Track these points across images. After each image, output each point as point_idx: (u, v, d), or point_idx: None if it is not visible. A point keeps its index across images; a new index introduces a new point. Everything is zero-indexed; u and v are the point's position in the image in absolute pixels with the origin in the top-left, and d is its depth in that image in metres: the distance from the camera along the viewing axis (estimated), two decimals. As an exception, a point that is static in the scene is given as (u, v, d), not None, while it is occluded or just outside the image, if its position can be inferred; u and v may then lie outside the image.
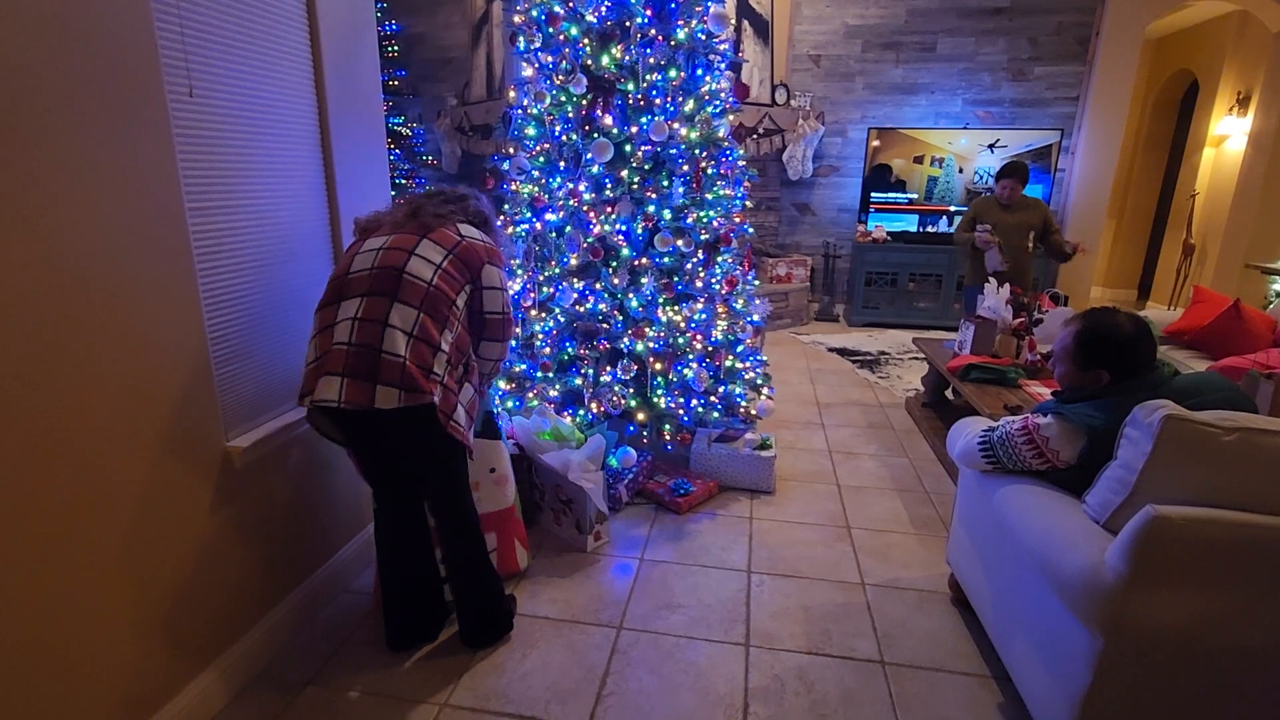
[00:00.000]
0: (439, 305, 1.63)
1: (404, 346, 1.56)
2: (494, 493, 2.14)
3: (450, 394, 1.65)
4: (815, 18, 6.17)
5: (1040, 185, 5.82)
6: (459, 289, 1.69)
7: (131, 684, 1.47)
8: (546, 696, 1.75)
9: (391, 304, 1.58)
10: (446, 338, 1.65)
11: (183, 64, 1.53)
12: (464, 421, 1.70)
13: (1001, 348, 3.24)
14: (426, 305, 1.61)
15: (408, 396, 1.54)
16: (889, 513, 2.73)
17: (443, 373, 1.63)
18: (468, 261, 1.72)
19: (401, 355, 1.55)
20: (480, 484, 2.09)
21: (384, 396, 1.53)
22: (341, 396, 1.53)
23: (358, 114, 2.15)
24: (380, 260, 1.65)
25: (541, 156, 2.75)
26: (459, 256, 1.70)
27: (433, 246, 1.68)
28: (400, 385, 1.53)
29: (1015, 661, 1.68)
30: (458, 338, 1.70)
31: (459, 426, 1.67)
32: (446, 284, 1.66)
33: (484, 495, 2.10)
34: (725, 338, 2.85)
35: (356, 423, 1.64)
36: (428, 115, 6.94)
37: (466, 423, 1.72)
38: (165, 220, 1.48)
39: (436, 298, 1.63)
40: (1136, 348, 1.64)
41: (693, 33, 2.62)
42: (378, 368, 1.53)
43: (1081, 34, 5.91)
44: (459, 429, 1.66)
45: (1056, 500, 1.61)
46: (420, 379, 1.56)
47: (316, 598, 2.05)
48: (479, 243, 1.77)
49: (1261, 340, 3.55)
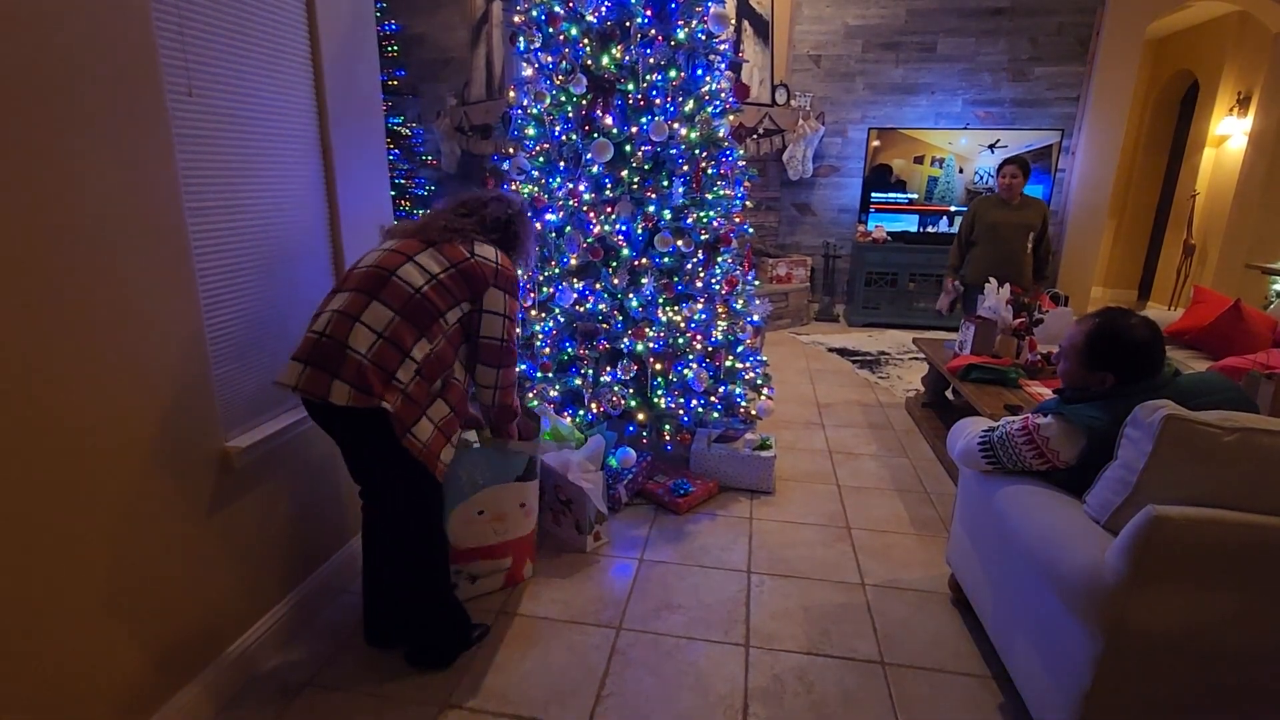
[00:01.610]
0: (422, 313, 1.61)
1: (368, 346, 1.55)
2: (521, 523, 2.13)
3: (413, 405, 1.60)
4: (815, 18, 6.17)
5: (1041, 185, 5.82)
6: (452, 303, 1.66)
7: (128, 685, 1.46)
8: (546, 697, 1.75)
9: (370, 302, 1.58)
10: (422, 347, 1.61)
11: (182, 63, 1.52)
12: (426, 438, 1.63)
13: (1002, 348, 3.23)
14: (407, 310, 1.59)
15: (357, 395, 1.52)
16: (889, 513, 2.72)
17: (407, 381, 1.58)
18: (470, 279, 1.69)
19: (362, 353, 1.54)
20: (507, 516, 2.08)
21: (337, 391, 1.52)
22: (300, 382, 1.54)
23: (357, 114, 2.14)
24: (377, 260, 1.65)
25: (541, 156, 2.75)
26: (462, 272, 1.68)
27: (435, 257, 1.67)
28: (353, 383, 1.52)
29: (1015, 662, 1.68)
30: (439, 351, 1.65)
31: (417, 441, 1.60)
32: (437, 295, 1.63)
33: (510, 525, 2.10)
34: (725, 338, 2.85)
35: (319, 412, 1.65)
36: (427, 115, 6.93)
37: (432, 439, 1.64)
38: (164, 220, 1.48)
39: (421, 306, 1.61)
40: (1146, 353, 1.61)
41: (693, 33, 2.62)
42: (339, 362, 1.54)
43: (1082, 34, 5.91)
44: (417, 443, 1.60)
45: (1057, 500, 1.60)
46: (375, 381, 1.53)
47: (316, 598, 2.05)
48: (489, 264, 1.72)
49: (1262, 340, 3.55)
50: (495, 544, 2.09)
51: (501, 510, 2.06)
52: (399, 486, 1.70)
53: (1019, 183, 3.79)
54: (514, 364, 1.81)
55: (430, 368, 1.63)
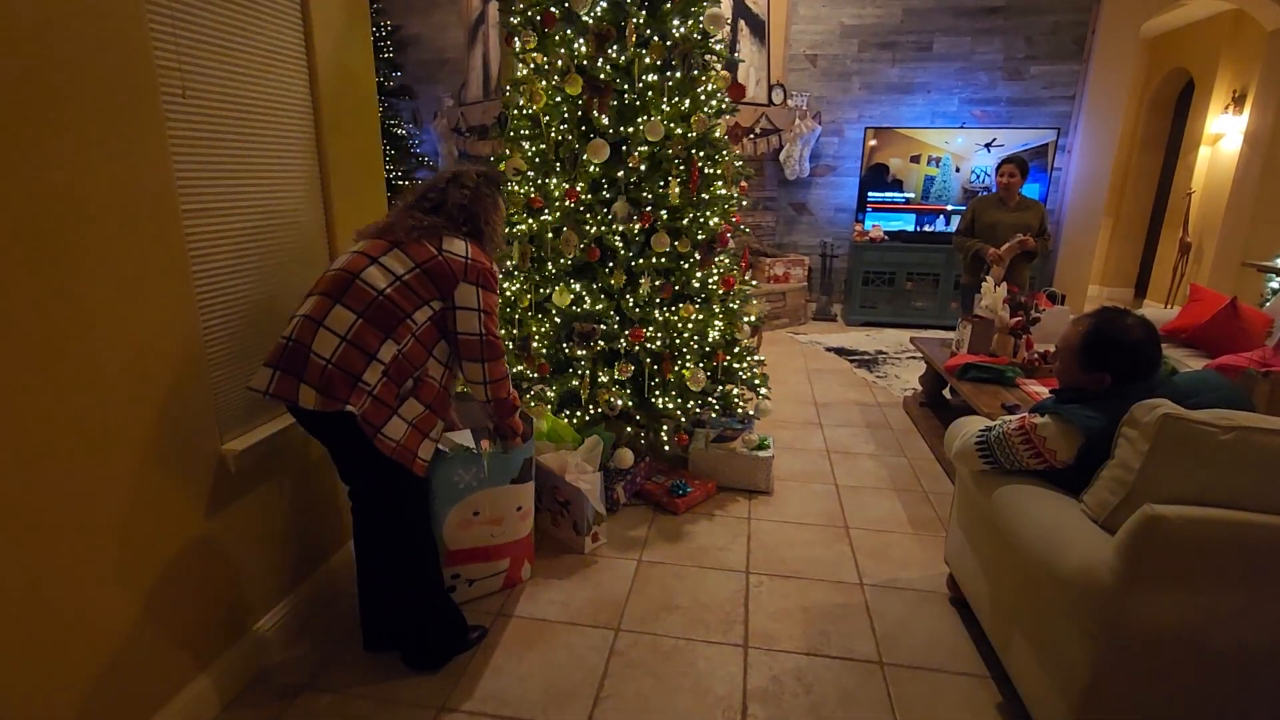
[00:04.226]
0: (387, 315, 1.60)
1: (331, 349, 1.56)
2: (517, 527, 2.13)
3: (382, 407, 1.59)
4: (811, 17, 6.17)
5: (1037, 184, 5.83)
6: (418, 304, 1.65)
7: (125, 688, 1.46)
8: (544, 699, 1.74)
9: (334, 305, 1.59)
10: (389, 348, 1.60)
11: (176, 65, 1.52)
12: (400, 436, 1.62)
13: (999, 347, 3.24)
14: (370, 313, 1.59)
15: (323, 400, 1.53)
16: (887, 513, 2.72)
17: (374, 383, 1.58)
18: (437, 278, 1.66)
19: (326, 358, 1.55)
20: (504, 520, 2.08)
21: (304, 395, 1.54)
22: (270, 387, 1.56)
23: (353, 115, 2.14)
24: (344, 264, 1.66)
25: (538, 157, 2.75)
26: (427, 272, 1.65)
27: (400, 258, 1.65)
28: (318, 387, 1.54)
29: (1014, 661, 1.68)
30: (407, 352, 1.64)
31: (389, 440, 1.60)
32: (402, 296, 1.62)
33: (507, 529, 2.10)
34: (722, 338, 2.85)
35: (295, 415, 1.67)
36: (424, 116, 6.93)
37: (408, 439, 1.64)
38: (160, 221, 1.48)
39: (384, 308, 1.60)
40: (1143, 354, 1.61)
41: (689, 33, 2.62)
42: (303, 366, 1.55)
43: (1077, 33, 5.92)
44: (389, 443, 1.60)
45: (1054, 500, 1.60)
46: (339, 385, 1.54)
47: (313, 601, 2.04)
48: (457, 259, 1.69)
49: (1258, 338, 3.56)
50: (491, 546, 2.08)
51: (498, 513, 2.06)
52: (380, 487, 1.71)
53: (1017, 181, 3.80)
54: (499, 356, 1.77)
55: (398, 368, 1.63)
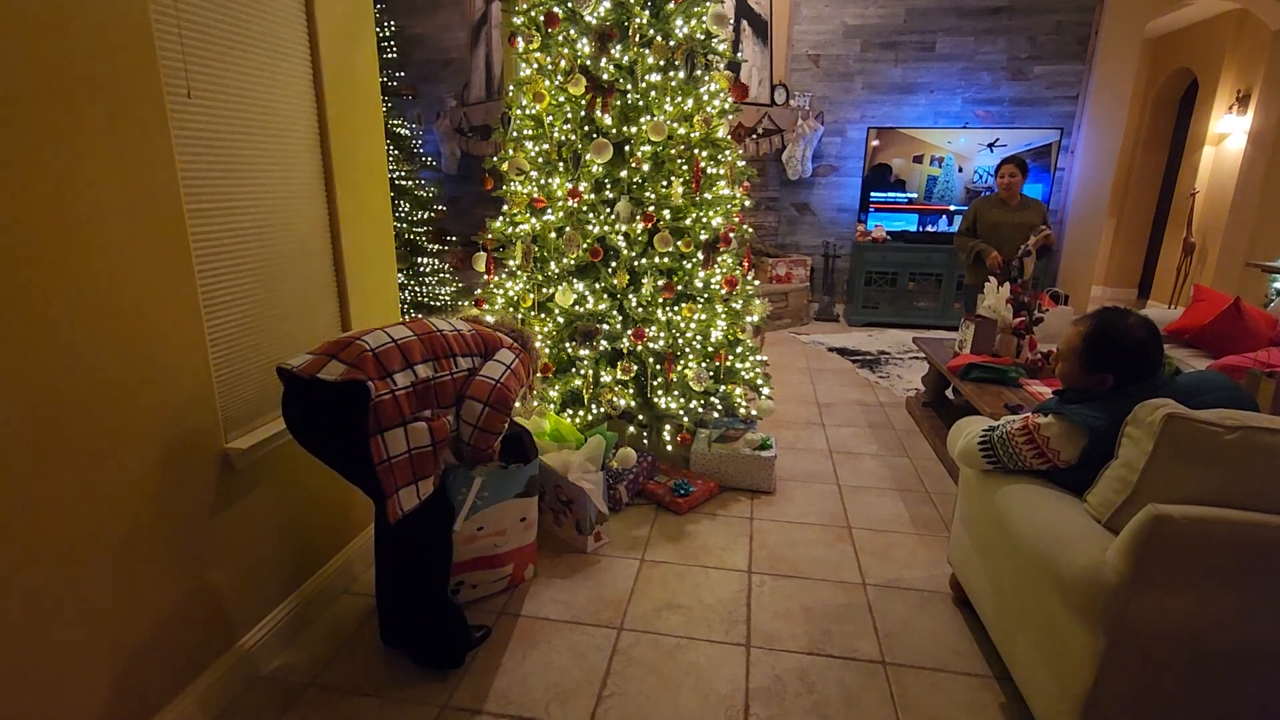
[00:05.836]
0: (436, 346, 1.73)
1: (378, 343, 1.63)
2: (521, 535, 2.14)
3: (395, 412, 1.57)
4: (814, 18, 6.16)
5: (1040, 184, 5.82)
6: (467, 351, 1.79)
7: (129, 686, 1.46)
8: (547, 697, 1.75)
9: (396, 325, 1.73)
10: (426, 369, 1.68)
11: (181, 66, 1.52)
12: (395, 454, 1.57)
13: (1002, 347, 3.23)
14: (424, 337, 1.72)
15: (348, 370, 1.55)
16: (890, 513, 2.72)
17: (401, 386, 1.60)
18: (487, 340, 1.85)
19: (370, 347, 1.61)
20: (507, 530, 2.09)
21: (330, 368, 1.56)
22: (301, 365, 1.59)
23: (357, 115, 2.14)
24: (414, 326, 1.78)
25: (541, 157, 2.75)
26: (482, 335, 1.86)
27: (461, 323, 1.86)
28: (349, 362, 1.57)
29: (1017, 661, 1.67)
30: (439, 384, 1.71)
31: (383, 449, 1.55)
32: (455, 340, 1.78)
33: (511, 539, 2.10)
34: (725, 338, 2.85)
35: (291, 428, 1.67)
36: (427, 116, 6.93)
37: (399, 466, 1.58)
38: (165, 222, 1.48)
39: (437, 340, 1.74)
40: (1145, 353, 1.61)
41: (692, 33, 2.62)
42: (345, 347, 1.60)
43: (1081, 33, 5.91)
44: (382, 450, 1.55)
45: (1057, 499, 1.60)
46: (371, 366, 1.57)
47: (317, 599, 2.05)
48: (506, 344, 1.89)
49: (1262, 339, 3.55)
50: (495, 555, 2.09)
51: (501, 526, 2.06)
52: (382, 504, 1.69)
53: (1018, 181, 3.79)
54: (502, 415, 1.76)
55: (425, 391, 1.67)
